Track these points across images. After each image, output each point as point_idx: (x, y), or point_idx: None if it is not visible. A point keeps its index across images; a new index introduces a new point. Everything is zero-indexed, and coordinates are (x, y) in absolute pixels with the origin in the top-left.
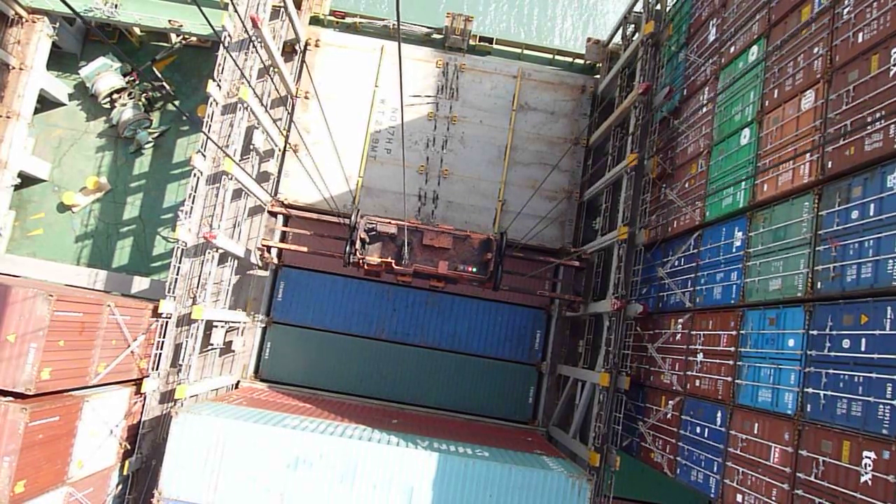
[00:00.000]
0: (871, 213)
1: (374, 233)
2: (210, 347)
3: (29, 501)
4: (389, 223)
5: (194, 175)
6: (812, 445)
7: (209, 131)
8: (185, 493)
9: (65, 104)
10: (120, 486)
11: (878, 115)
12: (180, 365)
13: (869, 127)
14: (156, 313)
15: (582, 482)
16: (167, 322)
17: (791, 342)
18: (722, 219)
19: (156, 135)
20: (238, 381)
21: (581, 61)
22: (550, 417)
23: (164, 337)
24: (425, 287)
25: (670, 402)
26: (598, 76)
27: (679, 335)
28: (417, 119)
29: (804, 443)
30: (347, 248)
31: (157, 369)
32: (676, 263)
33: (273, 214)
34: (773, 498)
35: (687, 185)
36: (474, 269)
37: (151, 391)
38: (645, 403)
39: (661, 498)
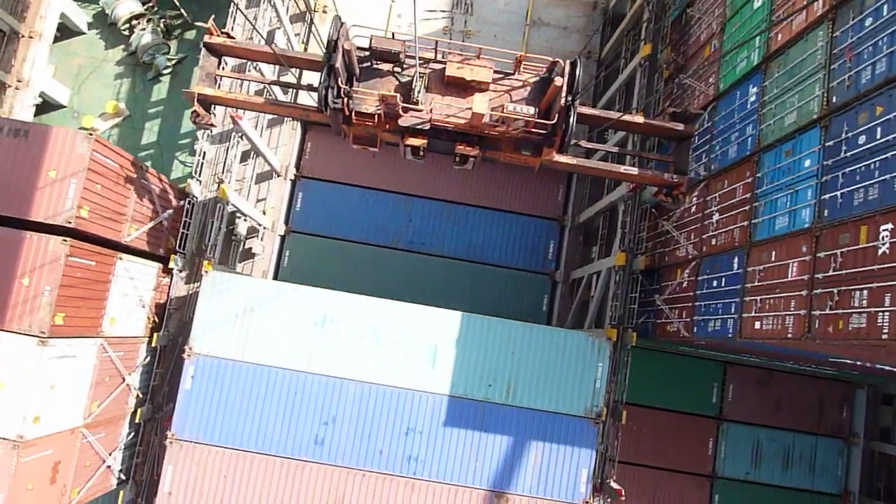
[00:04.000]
0: (885, 14)
1: (367, 65)
2: (234, 238)
3: (67, 339)
4: (394, 39)
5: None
6: (830, 243)
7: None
8: (215, 349)
9: (84, 33)
10: (148, 359)
11: None
12: (206, 245)
13: None
14: (183, 195)
15: (601, 341)
16: (193, 204)
17: (807, 162)
18: (736, 83)
19: (174, 61)
20: None
21: None
22: (564, 323)
23: (190, 218)
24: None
25: (685, 271)
26: None
27: (694, 207)
28: (433, 34)
29: (822, 245)
30: (325, 81)
31: (183, 249)
32: (691, 142)
33: (213, 52)
34: (792, 308)
35: (700, 70)
36: (530, 111)
37: (179, 269)
38: (660, 283)
39: (668, 403)
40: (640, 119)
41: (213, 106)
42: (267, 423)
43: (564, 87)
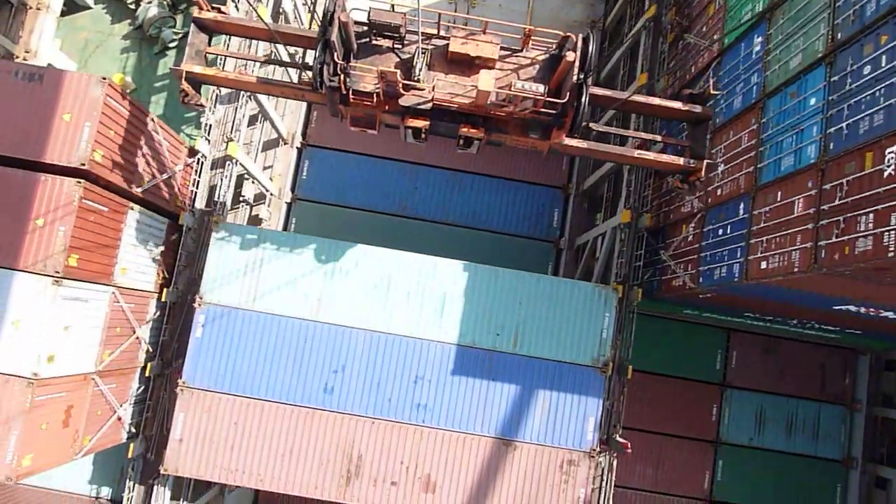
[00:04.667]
0: None
1: (366, 41)
2: (242, 199)
3: (80, 282)
4: (394, 11)
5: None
6: (835, 175)
7: None
8: (225, 298)
9: (91, 7)
10: (157, 314)
11: None
12: (215, 202)
13: None
14: (192, 153)
15: (608, 292)
16: (202, 163)
17: (813, 101)
18: (741, 36)
19: (180, 35)
20: None
21: None
22: None
23: (199, 176)
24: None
25: (691, 225)
26: None
27: None
28: (436, 4)
29: (827, 178)
30: (320, 56)
31: (193, 206)
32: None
33: (204, 28)
34: (798, 243)
35: (705, 28)
36: (540, 89)
37: (188, 227)
38: (665, 240)
39: (672, 370)
40: (655, 101)
41: (199, 87)
42: (277, 372)
43: (577, 64)
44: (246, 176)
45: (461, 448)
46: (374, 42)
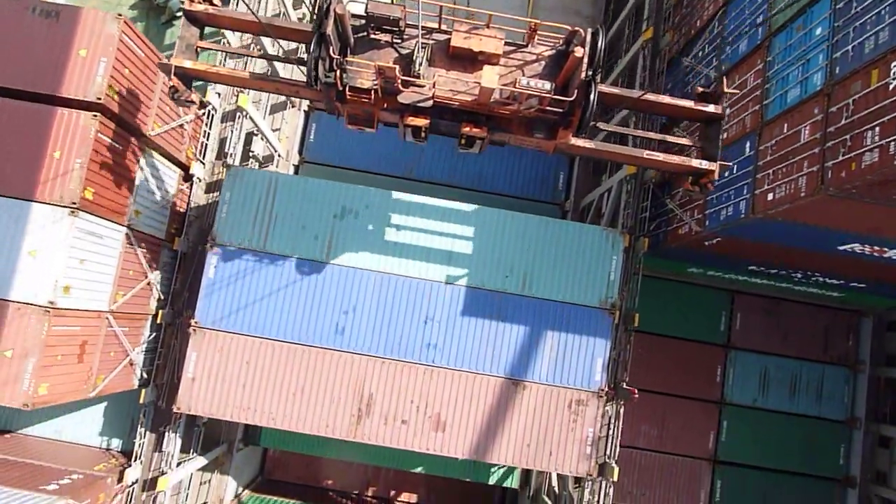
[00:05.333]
0: None
1: (363, 35)
2: (252, 156)
3: (96, 217)
4: (393, 4)
5: None
6: (841, 96)
7: None
8: (237, 240)
9: None
10: (169, 261)
11: None
12: (225, 155)
13: None
14: (202, 106)
15: (615, 235)
16: (213, 115)
17: (818, 31)
18: None
19: None
20: None
21: None
22: None
23: (210, 128)
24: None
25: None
26: None
27: None
28: None
29: (833, 101)
30: (314, 51)
31: (203, 157)
32: (700, 53)
33: (195, 21)
34: (804, 169)
35: None
36: (546, 87)
37: (199, 178)
38: (671, 192)
39: (677, 331)
40: (666, 100)
41: (189, 82)
42: (288, 312)
43: (585, 60)
44: (255, 132)
45: (471, 387)
46: (371, 36)
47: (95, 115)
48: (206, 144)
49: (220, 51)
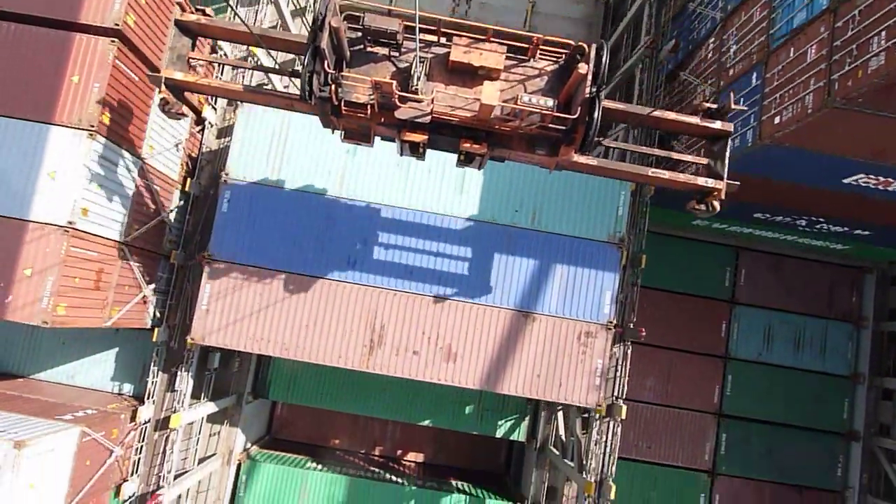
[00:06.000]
0: None
1: (360, 48)
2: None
3: (112, 144)
4: (390, 16)
5: None
6: (847, 10)
7: None
8: (251, 175)
9: None
10: (181, 203)
11: None
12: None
13: None
14: (213, 49)
15: None
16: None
17: None
18: None
19: None
20: None
21: None
22: None
23: (221, 75)
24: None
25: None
26: None
27: (710, 52)
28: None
29: (839, 16)
30: (309, 65)
31: (215, 102)
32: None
33: (187, 31)
34: (811, 86)
35: None
36: (548, 104)
37: (211, 122)
38: (678, 137)
39: (683, 287)
40: (672, 116)
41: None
42: (300, 246)
43: (589, 76)
44: (265, 83)
45: (481, 319)
46: (368, 49)
47: (113, 41)
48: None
49: (213, 62)
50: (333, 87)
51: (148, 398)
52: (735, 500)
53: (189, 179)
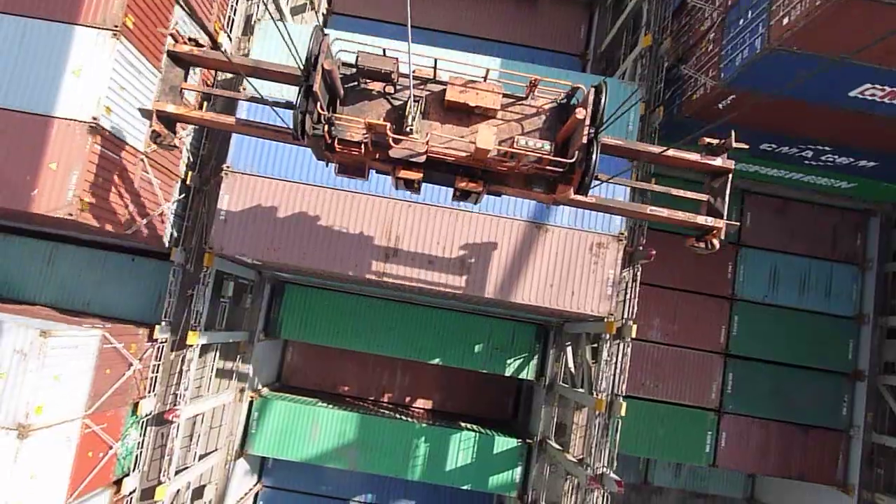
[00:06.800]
0: None
1: (354, 84)
2: None
3: (135, 50)
4: (385, 56)
5: None
6: None
7: None
8: (268, 85)
9: None
10: (196, 128)
11: None
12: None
13: None
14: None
15: (633, 86)
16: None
17: None
18: None
19: None
20: None
21: None
22: None
23: (234, 14)
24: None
25: (710, 34)
26: None
27: None
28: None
29: None
30: (301, 106)
31: (230, 31)
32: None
33: (179, 62)
34: None
35: None
36: (545, 147)
37: (224, 48)
38: (686, 61)
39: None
40: (670, 153)
41: (172, 124)
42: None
43: (587, 122)
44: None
45: (495, 230)
46: (363, 86)
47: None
48: (234, 19)
49: (207, 92)
50: (326, 126)
51: (164, 317)
52: (741, 439)
53: (206, 103)
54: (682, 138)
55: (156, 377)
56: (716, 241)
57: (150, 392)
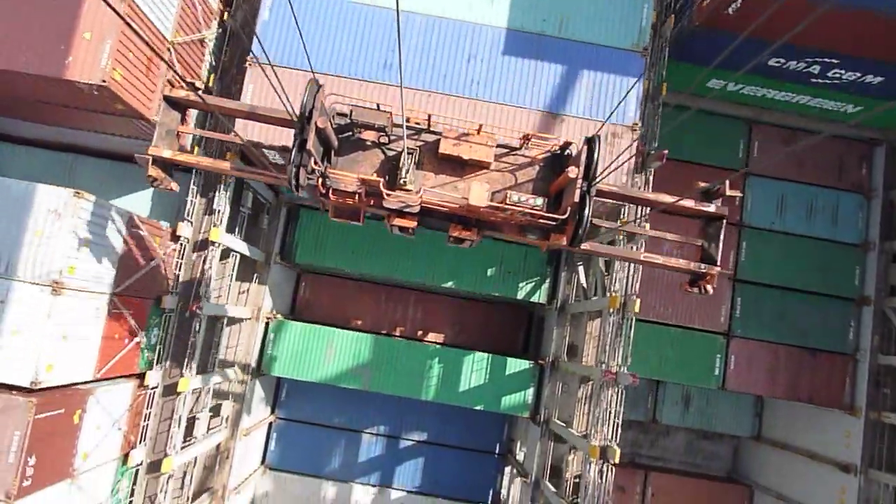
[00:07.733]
0: None
1: (349, 134)
2: None
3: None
4: (378, 110)
5: None
6: None
7: None
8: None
9: None
10: (220, 31)
11: None
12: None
13: None
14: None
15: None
16: None
17: None
18: None
19: None
20: None
21: None
22: None
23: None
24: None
25: None
26: None
27: None
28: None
29: None
30: (295, 160)
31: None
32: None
33: (176, 105)
34: None
35: None
36: (538, 203)
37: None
38: None
39: (697, 157)
40: (666, 198)
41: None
42: (340, 50)
43: (580, 179)
44: None
45: (513, 120)
46: (357, 136)
47: None
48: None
49: (202, 134)
50: (321, 179)
51: (187, 216)
52: (749, 362)
53: (227, 12)
54: (691, 60)
55: (178, 276)
56: (709, 287)
57: (173, 291)
